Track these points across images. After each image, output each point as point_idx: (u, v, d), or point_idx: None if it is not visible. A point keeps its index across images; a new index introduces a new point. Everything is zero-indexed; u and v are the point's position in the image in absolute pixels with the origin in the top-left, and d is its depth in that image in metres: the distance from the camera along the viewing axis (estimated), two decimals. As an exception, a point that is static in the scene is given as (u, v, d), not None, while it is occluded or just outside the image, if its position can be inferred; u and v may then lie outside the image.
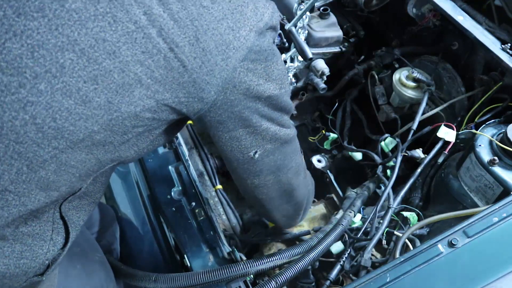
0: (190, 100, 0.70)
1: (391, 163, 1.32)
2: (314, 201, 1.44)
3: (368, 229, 1.15)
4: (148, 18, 0.61)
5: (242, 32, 0.69)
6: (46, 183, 0.68)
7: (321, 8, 1.49)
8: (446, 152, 1.27)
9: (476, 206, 1.13)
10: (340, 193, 1.45)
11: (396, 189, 1.27)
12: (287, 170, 0.94)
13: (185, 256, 1.15)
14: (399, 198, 1.21)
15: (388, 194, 1.20)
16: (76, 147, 0.66)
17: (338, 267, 1.07)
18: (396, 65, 1.56)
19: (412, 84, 1.44)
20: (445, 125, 1.28)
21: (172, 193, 1.27)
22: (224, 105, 0.74)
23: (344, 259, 1.08)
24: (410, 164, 1.38)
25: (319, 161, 1.56)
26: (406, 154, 1.31)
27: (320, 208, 1.40)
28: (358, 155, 1.52)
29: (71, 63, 0.60)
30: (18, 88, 0.59)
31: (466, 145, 1.24)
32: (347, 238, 1.14)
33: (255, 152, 0.85)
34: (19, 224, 0.71)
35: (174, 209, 1.23)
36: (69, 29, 0.59)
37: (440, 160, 1.28)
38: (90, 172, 0.73)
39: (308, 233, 1.22)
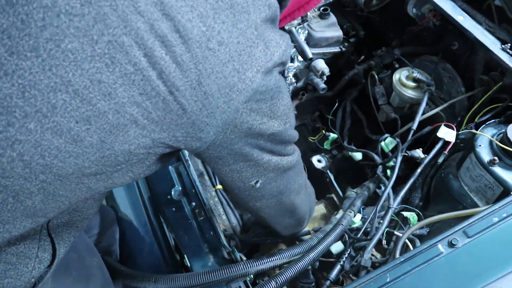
0: (188, 139, 0.68)
1: (391, 163, 1.32)
2: (314, 201, 1.44)
3: (368, 229, 1.15)
4: (149, 60, 0.59)
5: (248, 74, 0.65)
6: (33, 212, 0.67)
7: (321, 8, 1.49)
8: (446, 152, 1.27)
9: (476, 206, 1.13)
10: (340, 193, 1.45)
11: (396, 189, 1.27)
12: (289, 193, 0.94)
13: (185, 256, 1.15)
14: (399, 198, 1.21)
15: (388, 194, 1.20)
16: (65, 180, 0.65)
17: (338, 267, 1.07)
18: (396, 65, 1.56)
19: (412, 84, 1.44)
20: (445, 125, 1.28)
21: (172, 193, 1.27)
22: (223, 143, 0.72)
23: (344, 259, 1.08)
24: (410, 164, 1.38)
25: (319, 161, 1.56)
26: (406, 154, 1.31)
27: (320, 208, 1.40)
28: (358, 155, 1.51)
29: (63, 104, 0.58)
30: (7, 126, 0.58)
31: (466, 145, 1.24)
32: (347, 238, 1.14)
33: (257, 182, 0.84)
34: (2, 246, 0.70)
35: (174, 209, 1.23)
36: (63, 70, 0.57)
37: (440, 160, 1.28)
38: (81, 199, 0.71)
39: (308, 233, 1.22)
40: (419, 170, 1.27)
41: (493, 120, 1.21)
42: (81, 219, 0.81)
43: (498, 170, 1.08)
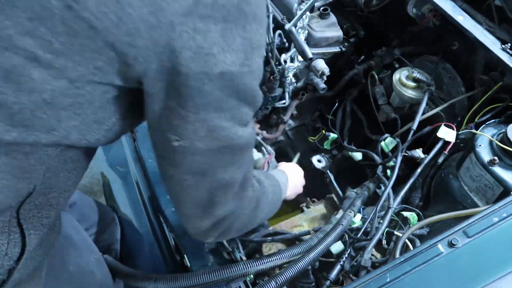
0: (115, 67, 0.52)
1: (391, 163, 1.32)
2: (314, 201, 1.44)
3: (368, 229, 1.15)
4: None
5: None
6: None
7: (321, 8, 1.49)
8: (446, 152, 1.27)
9: (476, 206, 1.13)
10: (340, 193, 1.45)
11: (396, 189, 1.26)
12: (213, 180, 0.69)
13: (185, 256, 1.15)
14: (399, 198, 1.21)
15: (388, 194, 1.20)
16: None
17: (338, 267, 1.07)
18: (396, 65, 1.55)
19: (412, 84, 1.44)
20: (445, 125, 1.27)
21: (172, 193, 1.27)
22: (158, 74, 0.54)
23: (344, 259, 1.08)
24: (410, 164, 1.38)
25: (319, 161, 1.56)
26: (406, 154, 1.31)
27: (320, 208, 1.40)
28: (358, 155, 1.51)
29: None
30: None
31: (466, 145, 1.24)
32: (347, 238, 1.14)
33: (177, 140, 0.62)
34: None
35: (174, 209, 1.23)
36: None
37: (440, 160, 1.28)
38: (30, 169, 0.59)
39: (308, 233, 1.22)
40: (419, 170, 1.27)
41: (493, 120, 1.21)
42: (57, 195, 0.68)
43: (498, 170, 1.08)
